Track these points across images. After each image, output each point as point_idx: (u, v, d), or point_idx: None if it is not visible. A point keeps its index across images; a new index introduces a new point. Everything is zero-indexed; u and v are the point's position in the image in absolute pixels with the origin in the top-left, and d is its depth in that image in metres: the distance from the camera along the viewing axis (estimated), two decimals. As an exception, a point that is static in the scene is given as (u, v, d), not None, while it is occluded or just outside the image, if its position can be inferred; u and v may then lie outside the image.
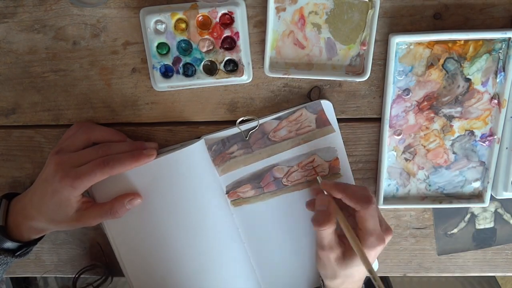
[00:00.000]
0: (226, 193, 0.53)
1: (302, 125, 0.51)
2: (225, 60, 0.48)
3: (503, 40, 0.47)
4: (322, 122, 0.51)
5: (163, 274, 0.52)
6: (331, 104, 0.50)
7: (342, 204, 0.46)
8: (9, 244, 0.49)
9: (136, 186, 0.50)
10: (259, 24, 0.49)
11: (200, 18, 0.47)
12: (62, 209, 0.47)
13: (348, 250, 0.46)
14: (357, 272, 0.47)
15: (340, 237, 0.46)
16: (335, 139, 0.51)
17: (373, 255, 0.45)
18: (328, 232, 0.45)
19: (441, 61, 0.48)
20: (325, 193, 0.48)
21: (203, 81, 0.49)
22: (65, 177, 0.45)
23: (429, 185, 0.53)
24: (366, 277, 0.51)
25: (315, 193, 0.51)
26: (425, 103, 0.50)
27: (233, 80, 0.49)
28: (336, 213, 0.45)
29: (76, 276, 0.57)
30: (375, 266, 0.56)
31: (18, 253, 0.50)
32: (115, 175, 0.47)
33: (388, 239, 0.46)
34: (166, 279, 0.52)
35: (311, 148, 0.52)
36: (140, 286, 0.53)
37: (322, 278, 0.51)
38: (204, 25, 0.48)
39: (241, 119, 0.52)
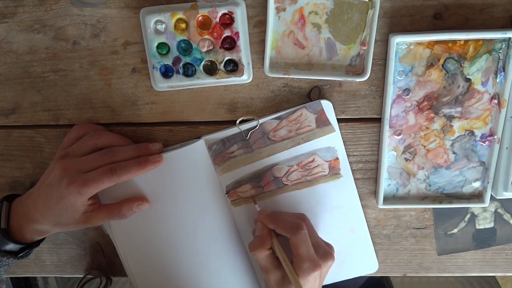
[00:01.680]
0: (226, 193, 0.53)
1: (302, 124, 0.51)
2: (225, 60, 0.48)
3: (503, 40, 0.47)
4: (322, 122, 0.51)
5: (164, 272, 0.52)
6: (331, 104, 0.50)
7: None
8: (11, 246, 0.49)
9: (137, 185, 0.50)
10: (259, 24, 0.49)
11: (200, 18, 0.47)
12: (68, 214, 0.47)
13: (287, 275, 0.46)
14: None
15: (278, 261, 0.47)
16: (335, 139, 0.51)
17: (311, 281, 0.45)
18: (261, 256, 0.47)
19: (441, 61, 0.48)
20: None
21: (203, 81, 0.49)
22: (72, 184, 0.45)
23: (429, 185, 0.53)
24: (369, 280, 0.51)
25: (255, 221, 0.51)
26: (425, 103, 0.50)
27: (233, 80, 0.49)
28: (270, 239, 0.48)
29: (80, 283, 0.57)
30: (375, 267, 0.56)
31: (20, 254, 0.50)
32: None
33: (327, 264, 0.47)
34: (167, 278, 0.53)
35: (311, 147, 0.52)
36: (142, 284, 0.53)
37: None
38: (204, 25, 0.48)
39: (241, 119, 0.52)
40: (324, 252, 0.47)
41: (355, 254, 0.55)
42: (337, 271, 0.56)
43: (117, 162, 0.47)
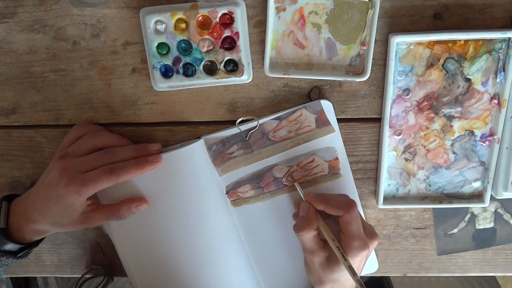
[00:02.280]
0: (226, 193, 0.53)
1: (302, 125, 0.51)
2: (225, 60, 0.48)
3: (503, 40, 0.47)
4: (322, 122, 0.51)
5: (164, 272, 0.52)
6: (331, 104, 0.50)
7: (325, 215, 0.48)
8: (10, 246, 0.49)
9: (136, 185, 0.50)
10: (259, 24, 0.49)
11: (200, 18, 0.47)
12: (67, 214, 0.47)
13: (332, 256, 0.46)
14: (344, 278, 0.47)
15: (325, 242, 0.47)
16: (335, 139, 0.51)
17: (358, 260, 0.45)
18: (308, 237, 0.46)
19: (441, 61, 0.48)
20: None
21: (203, 81, 0.49)
22: (71, 184, 0.45)
23: (429, 185, 0.53)
24: (369, 280, 0.51)
25: (298, 205, 0.51)
26: (425, 103, 0.50)
27: (233, 80, 0.49)
28: (317, 219, 0.47)
29: (79, 283, 0.57)
30: (375, 266, 0.56)
31: (20, 254, 0.50)
32: None
33: (373, 244, 0.47)
34: (167, 278, 0.53)
35: (311, 148, 0.52)
36: (142, 284, 0.53)
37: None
38: (204, 25, 0.48)
39: (240, 119, 0.52)
40: (370, 231, 0.47)
41: None
42: None
43: (116, 162, 0.47)
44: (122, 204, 0.49)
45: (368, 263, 0.56)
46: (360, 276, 0.58)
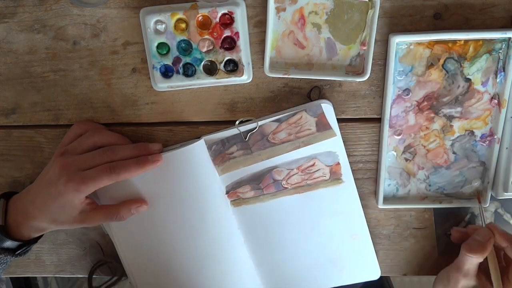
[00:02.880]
0: (226, 193, 0.53)
1: (302, 128, 0.51)
2: (225, 60, 0.48)
3: (503, 40, 0.47)
4: (322, 125, 0.50)
5: (164, 272, 0.52)
6: (331, 107, 0.50)
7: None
8: (9, 243, 0.49)
9: (136, 185, 0.50)
10: (259, 24, 0.49)
11: (200, 18, 0.47)
12: (66, 211, 0.47)
13: (479, 286, 0.46)
14: None
15: (480, 273, 0.47)
16: (336, 143, 0.51)
17: None
18: (472, 261, 0.46)
19: (441, 61, 0.48)
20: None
21: (203, 81, 0.49)
22: (70, 181, 0.45)
23: (429, 185, 0.53)
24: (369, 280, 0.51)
25: (472, 229, 0.50)
26: (425, 103, 0.50)
27: (233, 80, 0.49)
28: (490, 251, 0.47)
29: (90, 274, 0.57)
30: (377, 274, 0.56)
31: (18, 252, 0.50)
32: None
33: None
34: (167, 278, 0.53)
35: (312, 151, 0.51)
36: (142, 284, 0.53)
37: None
38: (204, 25, 0.48)
39: (240, 120, 0.51)
40: None
41: (357, 261, 0.55)
42: (337, 277, 0.56)
43: (116, 160, 0.47)
44: (121, 205, 0.49)
45: (369, 270, 0.56)
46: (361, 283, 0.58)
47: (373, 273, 0.56)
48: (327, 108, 0.50)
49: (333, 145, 0.51)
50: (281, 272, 0.56)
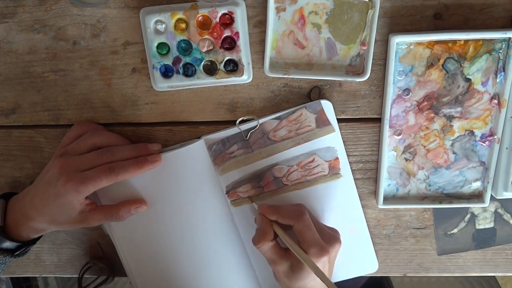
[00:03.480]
0: (226, 193, 0.53)
1: (302, 125, 0.51)
2: (225, 60, 0.48)
3: (503, 40, 0.47)
4: (322, 122, 0.51)
5: (164, 272, 0.52)
6: (331, 104, 0.50)
7: (286, 226, 0.48)
8: (8, 244, 0.49)
9: (136, 185, 0.50)
10: (259, 24, 0.49)
11: (200, 18, 0.47)
12: (65, 212, 0.47)
13: (295, 264, 0.46)
14: (311, 284, 0.46)
15: (286, 251, 0.47)
16: (335, 139, 0.51)
17: (320, 266, 0.44)
18: (266, 248, 0.47)
19: (441, 61, 0.48)
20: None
21: (203, 81, 0.49)
22: (70, 181, 0.45)
23: (429, 185, 0.53)
24: (369, 280, 0.51)
25: (256, 219, 0.51)
26: (425, 103, 0.50)
27: (233, 80, 0.49)
28: (273, 230, 0.47)
29: (80, 275, 0.57)
30: (375, 267, 0.56)
31: (17, 252, 0.50)
32: None
33: (334, 248, 0.46)
34: (167, 278, 0.53)
35: (311, 148, 0.52)
36: (142, 284, 0.53)
37: None
38: (204, 25, 0.48)
39: (240, 119, 0.52)
40: (329, 236, 0.47)
41: (355, 254, 0.55)
42: (336, 271, 0.56)
43: (115, 161, 0.47)
44: (121, 205, 0.49)
45: (368, 263, 0.56)
46: (359, 276, 0.58)
47: (371, 267, 0.56)
48: (327, 105, 0.50)
49: (332, 140, 0.51)
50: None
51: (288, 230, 0.47)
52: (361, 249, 0.55)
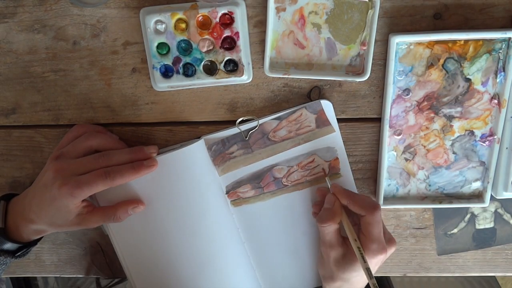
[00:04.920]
0: (226, 193, 0.53)
1: (302, 125, 0.51)
2: (225, 60, 0.48)
3: (503, 40, 0.47)
4: (322, 122, 0.51)
5: (164, 273, 0.52)
6: (331, 104, 0.50)
7: (347, 212, 0.48)
8: (8, 246, 0.49)
9: (135, 186, 0.50)
10: (259, 24, 0.49)
11: (200, 18, 0.47)
12: (62, 215, 0.47)
13: (348, 253, 0.46)
14: (356, 279, 0.47)
15: (344, 239, 0.47)
16: (335, 139, 0.51)
17: (374, 263, 0.46)
18: (329, 230, 0.46)
19: (441, 61, 0.48)
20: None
21: (203, 81, 0.49)
22: (64, 185, 0.45)
23: (429, 185, 0.53)
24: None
25: (321, 194, 0.51)
26: (425, 103, 0.50)
27: (233, 80, 0.49)
28: (341, 213, 0.47)
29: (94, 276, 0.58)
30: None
31: (18, 254, 0.50)
32: None
33: (390, 251, 0.47)
34: (167, 278, 0.53)
35: (311, 148, 0.52)
36: (142, 285, 0.53)
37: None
38: (204, 25, 0.48)
39: (240, 119, 0.52)
40: (389, 237, 0.48)
41: None
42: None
43: (111, 165, 0.47)
44: (118, 206, 0.49)
45: None
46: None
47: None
48: (327, 105, 0.50)
49: (332, 140, 0.51)
50: (281, 271, 0.56)
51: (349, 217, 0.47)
52: None
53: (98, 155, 0.47)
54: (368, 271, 0.44)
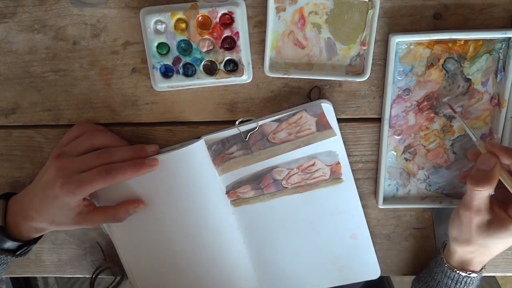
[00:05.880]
0: (226, 193, 0.53)
1: (302, 127, 0.51)
2: (225, 60, 0.48)
3: (503, 40, 0.47)
4: (322, 125, 0.51)
5: (164, 272, 0.52)
6: (331, 107, 0.50)
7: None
8: (9, 244, 0.49)
9: (136, 186, 0.50)
10: (259, 24, 0.49)
11: (200, 18, 0.47)
12: (63, 213, 0.47)
13: (495, 221, 0.43)
14: (494, 246, 0.44)
15: (492, 205, 0.44)
16: (336, 143, 0.51)
17: None
18: (482, 195, 0.42)
19: (441, 61, 0.48)
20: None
21: (203, 81, 0.49)
22: (66, 184, 0.45)
23: (429, 185, 0.53)
24: (369, 280, 0.51)
25: (473, 156, 0.46)
26: (425, 103, 0.50)
27: (233, 80, 0.49)
28: (502, 174, 0.42)
29: (93, 276, 0.57)
30: (377, 273, 0.56)
31: (18, 252, 0.50)
32: None
33: None
34: (167, 278, 0.53)
35: (312, 151, 0.51)
36: (142, 285, 0.53)
37: (447, 242, 0.49)
38: (204, 25, 0.48)
39: (240, 120, 0.51)
40: None
41: (357, 260, 0.55)
42: (337, 276, 0.56)
43: (113, 163, 0.47)
44: (119, 206, 0.49)
45: (369, 269, 0.56)
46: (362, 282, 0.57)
47: (373, 273, 0.56)
48: (327, 108, 0.50)
49: (333, 144, 0.51)
50: (280, 272, 0.56)
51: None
52: (363, 255, 0.55)
53: (99, 152, 0.48)
54: None
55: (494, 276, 1.02)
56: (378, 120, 0.51)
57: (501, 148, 0.43)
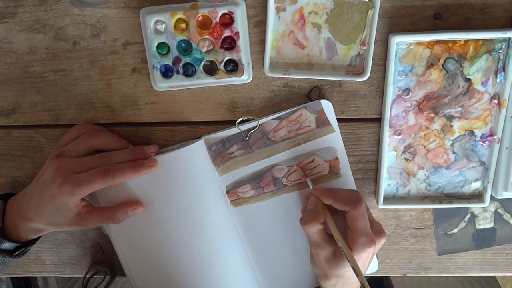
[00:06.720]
0: (226, 193, 0.53)
1: (302, 125, 0.51)
2: (225, 60, 0.48)
3: (503, 40, 0.47)
4: (322, 122, 0.51)
5: (164, 273, 0.52)
6: (331, 104, 0.50)
7: (333, 210, 0.48)
8: (7, 245, 0.49)
9: (135, 186, 0.50)
10: (259, 24, 0.49)
11: (200, 18, 0.47)
12: (61, 213, 0.47)
13: (338, 251, 0.46)
14: (350, 274, 0.47)
15: (331, 237, 0.47)
16: (335, 139, 0.51)
17: (364, 257, 0.45)
18: (313, 230, 0.47)
19: (441, 61, 0.48)
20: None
21: (203, 81, 0.49)
22: (65, 184, 0.45)
23: (429, 185, 0.53)
24: (369, 280, 0.51)
25: (306, 200, 0.51)
26: (425, 103, 0.50)
27: (233, 80, 0.49)
28: (324, 214, 0.47)
29: (84, 283, 0.58)
30: (375, 267, 0.56)
31: (16, 253, 0.50)
32: None
33: (380, 242, 0.47)
34: (167, 278, 0.53)
35: (311, 148, 0.52)
36: (142, 285, 0.53)
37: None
38: (204, 25, 0.48)
39: (240, 119, 0.52)
40: (378, 229, 0.48)
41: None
42: None
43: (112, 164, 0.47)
44: (117, 208, 0.49)
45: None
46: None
47: (372, 267, 0.56)
48: (326, 105, 0.50)
49: (332, 140, 0.51)
50: (281, 271, 0.56)
51: (335, 214, 0.48)
52: None
53: (99, 156, 0.47)
54: (355, 269, 0.44)
55: (494, 276, 1.02)
56: (378, 120, 0.51)
57: (321, 190, 0.48)
